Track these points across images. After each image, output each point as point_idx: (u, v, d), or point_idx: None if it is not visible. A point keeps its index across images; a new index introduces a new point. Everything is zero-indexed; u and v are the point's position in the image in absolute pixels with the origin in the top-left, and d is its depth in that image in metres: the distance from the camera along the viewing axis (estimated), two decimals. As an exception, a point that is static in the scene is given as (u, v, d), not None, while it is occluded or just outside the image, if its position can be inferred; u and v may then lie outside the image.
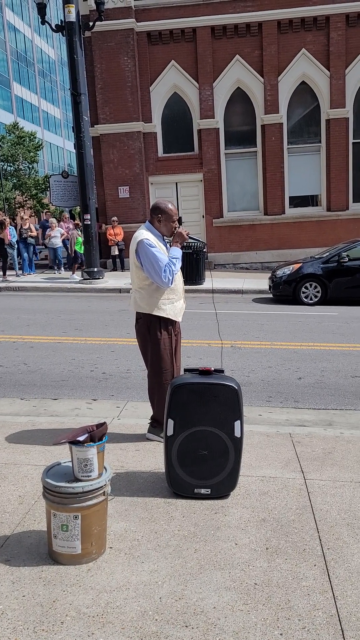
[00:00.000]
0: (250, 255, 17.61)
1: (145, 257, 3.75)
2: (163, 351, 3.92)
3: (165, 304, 3.88)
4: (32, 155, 40.23)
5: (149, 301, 3.87)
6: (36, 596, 2.35)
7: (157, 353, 3.94)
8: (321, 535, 2.81)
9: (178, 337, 4.12)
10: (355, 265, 11.58)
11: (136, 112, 16.90)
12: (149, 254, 3.72)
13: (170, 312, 3.90)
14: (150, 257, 3.72)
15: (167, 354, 3.94)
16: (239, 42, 16.65)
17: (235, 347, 7.59)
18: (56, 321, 9.55)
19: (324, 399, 5.43)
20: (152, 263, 3.72)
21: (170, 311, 3.90)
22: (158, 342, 3.92)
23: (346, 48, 16.39)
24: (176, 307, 3.95)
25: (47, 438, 4.13)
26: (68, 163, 66.33)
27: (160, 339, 3.91)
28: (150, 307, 3.87)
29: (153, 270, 3.74)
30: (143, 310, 3.92)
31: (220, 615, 2.23)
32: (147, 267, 3.76)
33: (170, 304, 3.91)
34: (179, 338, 4.14)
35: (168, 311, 3.89)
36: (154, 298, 3.86)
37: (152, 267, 3.73)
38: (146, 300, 3.88)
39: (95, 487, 2.57)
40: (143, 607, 2.27)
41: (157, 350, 3.93)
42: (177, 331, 4.10)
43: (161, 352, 3.92)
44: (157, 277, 3.74)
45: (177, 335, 4.09)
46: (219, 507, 3.11)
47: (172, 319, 3.95)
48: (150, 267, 3.74)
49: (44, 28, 53.33)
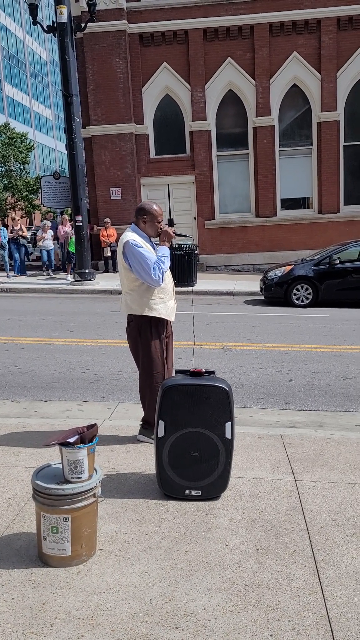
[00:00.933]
0: (242, 257, 17.64)
1: (132, 257, 3.73)
2: (154, 354, 3.91)
3: (157, 303, 3.86)
4: (24, 157, 40.09)
5: (140, 302, 3.85)
6: (25, 599, 2.34)
7: (147, 355, 3.93)
8: (311, 537, 2.82)
9: (170, 338, 4.12)
10: (346, 268, 11.64)
11: (128, 113, 16.90)
12: (136, 253, 3.71)
13: (163, 311, 3.89)
14: (137, 257, 3.71)
15: (158, 356, 3.93)
16: (230, 45, 16.70)
17: (227, 348, 7.60)
18: (47, 323, 9.52)
19: (315, 401, 5.45)
20: (140, 262, 3.71)
21: (163, 310, 3.89)
22: (149, 344, 3.90)
23: (337, 51, 16.49)
24: (168, 306, 3.93)
25: (37, 440, 4.11)
26: (60, 164, 66.18)
27: (151, 342, 3.90)
28: (141, 308, 3.85)
29: (142, 270, 3.72)
30: (134, 312, 3.90)
31: (211, 616, 2.23)
32: (135, 267, 3.74)
33: (162, 304, 3.89)
34: (170, 339, 4.13)
35: (160, 311, 3.87)
36: (145, 298, 3.84)
37: (141, 267, 3.71)
38: (137, 302, 3.86)
39: (85, 488, 2.57)
40: (133, 609, 2.27)
41: (148, 353, 3.92)
42: (169, 333, 4.09)
43: (152, 355, 3.91)
44: (146, 276, 3.73)
45: (168, 337, 4.08)
46: (210, 509, 3.11)
47: (163, 320, 3.93)
48: (139, 267, 3.72)
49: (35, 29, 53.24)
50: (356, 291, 11.65)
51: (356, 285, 11.61)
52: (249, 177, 17.58)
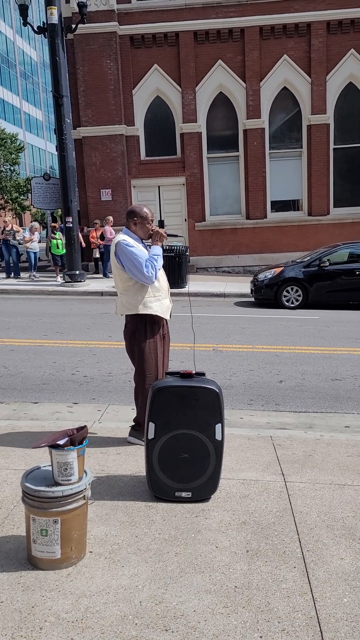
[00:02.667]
0: (232, 259, 17.68)
1: (124, 257, 3.76)
2: (147, 354, 3.91)
3: (152, 301, 3.87)
4: (14, 158, 39.90)
5: (135, 301, 3.86)
6: (15, 602, 2.33)
7: (141, 356, 3.93)
8: (301, 538, 2.83)
9: (166, 338, 4.11)
10: (335, 270, 11.71)
11: (119, 115, 16.90)
12: (128, 252, 3.74)
13: (158, 309, 3.89)
14: (129, 256, 3.74)
15: (152, 357, 3.93)
16: (221, 47, 16.75)
17: (217, 350, 7.61)
18: (37, 324, 9.48)
19: (304, 402, 5.47)
20: (132, 261, 3.74)
21: (158, 308, 3.89)
22: (143, 345, 3.91)
23: (327, 55, 16.59)
24: (163, 304, 3.94)
25: (27, 442, 4.09)
26: (50, 165, 65.99)
27: (146, 342, 3.91)
28: (136, 307, 3.86)
29: (135, 268, 3.74)
30: (129, 312, 3.92)
31: (201, 618, 2.23)
32: (128, 266, 3.77)
33: (157, 302, 3.90)
34: (166, 340, 4.12)
35: (155, 308, 3.88)
36: (139, 297, 3.85)
37: (134, 265, 3.74)
38: (132, 301, 3.88)
39: (75, 491, 2.56)
40: (123, 612, 2.26)
41: (142, 353, 3.92)
42: (165, 332, 4.08)
43: (145, 355, 3.92)
44: (139, 273, 3.75)
45: (164, 337, 4.07)
46: (200, 511, 3.11)
47: (158, 320, 3.94)
48: (132, 266, 3.75)
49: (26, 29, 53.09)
50: (345, 293, 11.72)
51: (346, 287, 11.69)
52: (239, 179, 17.63)
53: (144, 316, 3.88)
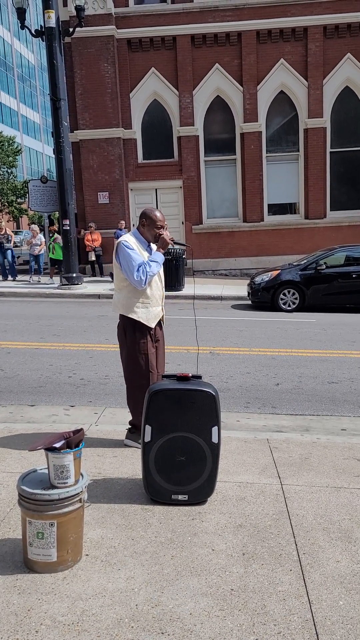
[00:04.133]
0: (229, 261, 17.71)
1: (122, 257, 3.83)
2: (137, 355, 3.92)
3: (139, 307, 3.90)
4: (11, 160, 39.94)
5: (125, 302, 3.92)
6: (10, 605, 2.32)
7: (130, 355, 3.95)
8: (297, 540, 2.83)
9: (160, 342, 4.12)
10: (332, 273, 11.74)
11: (116, 118, 16.93)
12: (125, 254, 3.80)
13: (143, 316, 3.90)
14: (126, 257, 3.80)
15: (142, 358, 3.93)
16: (218, 51, 16.81)
17: (214, 353, 7.61)
18: (34, 327, 9.47)
19: (301, 405, 5.48)
20: (127, 262, 3.80)
21: (143, 315, 3.91)
22: (132, 345, 3.93)
23: (324, 59, 16.66)
24: (150, 312, 3.94)
25: (23, 445, 4.08)
26: (47, 168, 66.04)
27: (135, 342, 3.92)
28: (125, 308, 3.92)
29: (128, 270, 3.80)
30: (120, 311, 3.98)
31: (197, 621, 2.22)
32: (124, 266, 3.84)
33: (144, 309, 3.91)
34: (160, 344, 4.13)
35: (140, 314, 3.90)
36: (130, 300, 3.90)
37: (128, 266, 3.80)
38: (122, 302, 3.94)
39: (71, 494, 2.55)
40: (119, 615, 2.26)
41: (132, 353, 3.94)
42: (158, 336, 4.09)
43: (135, 356, 3.93)
44: (130, 275, 3.80)
45: (158, 341, 4.08)
46: (196, 513, 3.11)
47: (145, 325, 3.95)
48: (126, 267, 3.81)
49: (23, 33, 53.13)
50: (342, 296, 11.75)
51: (342, 290, 11.72)
52: (236, 183, 17.67)
53: (131, 319, 3.91)
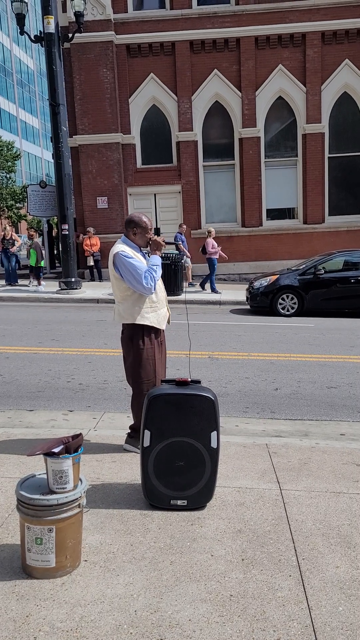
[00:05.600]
0: (227, 266, 17.71)
1: (123, 268, 3.79)
2: (145, 361, 3.93)
3: (149, 312, 3.91)
4: (10, 165, 40.02)
5: (132, 311, 3.89)
6: (9, 611, 2.31)
7: (139, 362, 3.94)
8: (296, 546, 2.82)
9: (163, 346, 4.12)
10: (331, 278, 11.75)
11: (115, 123, 16.97)
12: (127, 264, 3.77)
13: (154, 320, 3.93)
14: (128, 267, 3.77)
15: (150, 364, 3.94)
16: (217, 57, 16.87)
17: (213, 357, 7.61)
18: (32, 331, 9.47)
19: (300, 410, 5.47)
20: (131, 272, 3.76)
21: (154, 319, 3.93)
22: (140, 352, 3.92)
23: (322, 65, 16.73)
24: (159, 314, 3.98)
25: (22, 450, 4.07)
26: (46, 173, 66.18)
27: (143, 349, 3.92)
28: (133, 316, 3.89)
29: (134, 279, 3.77)
30: (127, 321, 3.95)
31: (196, 627, 2.22)
32: (127, 277, 3.79)
33: (154, 312, 3.93)
34: (163, 347, 4.13)
35: (152, 319, 3.91)
36: (137, 307, 3.88)
37: (132, 276, 3.76)
38: (129, 311, 3.91)
39: (70, 499, 2.55)
40: (118, 621, 2.25)
41: (139, 360, 3.93)
42: (162, 340, 4.09)
43: (143, 362, 3.93)
44: (138, 285, 3.77)
45: (162, 344, 4.08)
46: (195, 519, 3.10)
47: (155, 328, 3.96)
48: (130, 277, 3.77)
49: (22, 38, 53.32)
50: (341, 301, 11.76)
51: (341, 295, 11.72)
52: (235, 188, 17.70)
53: (140, 325, 3.90)
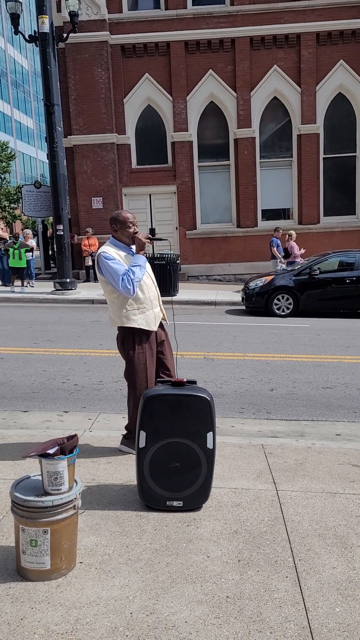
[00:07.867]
0: (223, 267, 17.74)
1: (104, 270, 3.75)
2: (137, 366, 3.86)
3: (136, 314, 3.83)
4: (4, 166, 39.90)
5: (120, 313, 3.84)
6: (3, 614, 2.29)
7: (130, 366, 3.90)
8: (293, 547, 2.82)
9: (164, 345, 4.05)
10: (326, 278, 11.77)
11: (110, 123, 16.95)
12: (106, 266, 3.73)
13: (142, 321, 3.84)
14: (108, 269, 3.73)
15: (142, 368, 3.86)
16: (212, 57, 16.88)
17: (208, 358, 7.60)
18: (27, 332, 9.43)
19: (296, 410, 5.47)
20: (110, 274, 3.72)
21: (142, 321, 3.84)
22: (131, 356, 3.87)
23: (317, 65, 16.77)
24: (148, 316, 3.87)
25: (16, 451, 4.05)
26: (41, 173, 66.01)
27: (134, 354, 3.85)
28: (121, 319, 3.84)
29: (113, 282, 3.72)
30: (116, 324, 3.91)
31: (192, 629, 2.20)
32: (108, 279, 3.76)
33: (141, 314, 3.84)
34: (166, 345, 4.08)
35: (139, 321, 3.83)
36: (123, 309, 3.82)
37: (112, 279, 3.72)
38: (117, 313, 3.85)
39: (65, 500, 2.53)
40: (113, 623, 2.23)
41: (131, 364, 3.89)
42: (159, 341, 4.03)
43: (134, 367, 3.87)
44: (117, 287, 3.72)
45: (159, 344, 4.03)
46: (191, 520, 3.09)
47: (145, 331, 3.88)
48: (111, 279, 3.73)
49: (17, 38, 53.21)
50: (336, 301, 11.78)
51: (336, 296, 11.75)
52: (230, 188, 17.72)
53: (130, 328, 3.86)
